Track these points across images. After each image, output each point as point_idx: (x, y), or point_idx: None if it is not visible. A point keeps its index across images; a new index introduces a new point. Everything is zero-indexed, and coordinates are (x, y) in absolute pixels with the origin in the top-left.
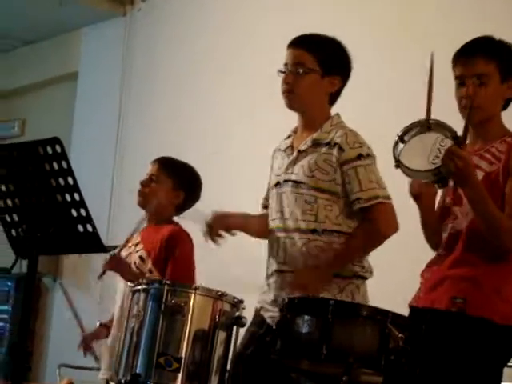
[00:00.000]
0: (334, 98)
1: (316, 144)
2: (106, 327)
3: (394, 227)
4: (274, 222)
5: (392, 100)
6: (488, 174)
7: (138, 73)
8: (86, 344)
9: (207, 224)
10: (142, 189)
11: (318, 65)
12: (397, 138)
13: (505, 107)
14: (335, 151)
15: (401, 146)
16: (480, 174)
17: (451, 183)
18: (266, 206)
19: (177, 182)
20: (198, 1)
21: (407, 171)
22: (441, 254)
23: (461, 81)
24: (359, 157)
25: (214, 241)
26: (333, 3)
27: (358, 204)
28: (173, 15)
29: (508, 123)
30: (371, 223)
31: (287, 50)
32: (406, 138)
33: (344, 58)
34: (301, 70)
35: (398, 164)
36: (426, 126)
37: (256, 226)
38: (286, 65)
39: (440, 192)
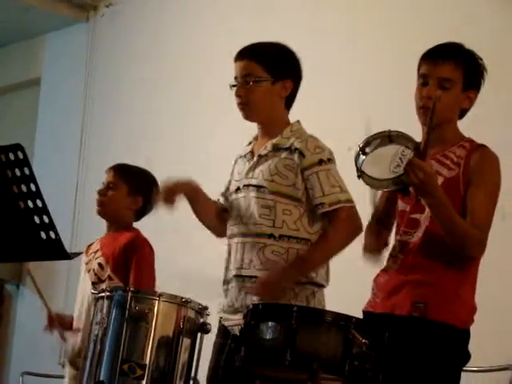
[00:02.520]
0: (289, 100)
1: (276, 149)
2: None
3: (357, 230)
4: (232, 228)
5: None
6: (448, 180)
7: (101, 78)
8: (52, 322)
9: (167, 185)
10: (99, 198)
11: (267, 72)
12: (358, 149)
13: (460, 117)
14: (296, 157)
15: (362, 157)
16: (439, 180)
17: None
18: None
19: (134, 187)
20: (162, 6)
21: (369, 180)
22: (396, 259)
23: (424, 80)
24: (320, 162)
25: (166, 203)
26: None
27: (321, 209)
28: (136, 21)
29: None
30: (335, 227)
31: (234, 64)
32: (367, 150)
33: (291, 59)
34: (250, 81)
35: (361, 174)
36: (388, 137)
37: (212, 211)
38: (235, 78)
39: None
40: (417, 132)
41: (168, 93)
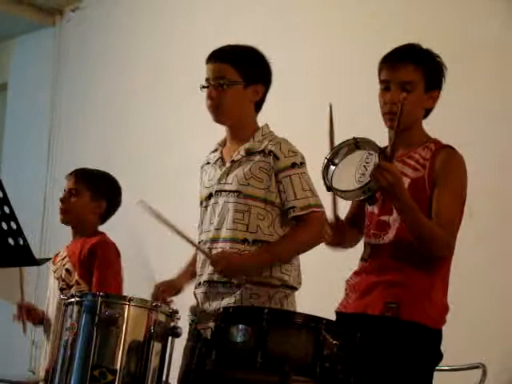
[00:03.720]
0: (259, 105)
1: (249, 154)
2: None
3: (323, 236)
4: (204, 234)
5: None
6: (414, 181)
7: (69, 84)
8: (20, 312)
9: (154, 296)
10: (62, 206)
11: (240, 75)
12: (326, 161)
13: (425, 116)
14: (270, 159)
15: (332, 168)
16: (406, 181)
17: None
18: None
19: (96, 191)
20: (129, 11)
21: (338, 193)
22: (367, 261)
23: (386, 85)
24: (293, 165)
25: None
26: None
27: (292, 212)
28: (103, 25)
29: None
30: (302, 227)
31: (207, 65)
32: (336, 161)
33: (263, 64)
34: (223, 84)
35: (330, 187)
36: (354, 144)
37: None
38: (207, 80)
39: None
40: (385, 131)
41: (142, 99)
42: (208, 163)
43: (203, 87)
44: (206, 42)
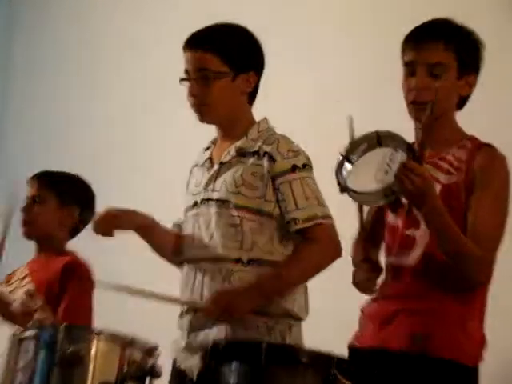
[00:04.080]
0: (252, 95)
1: (241, 154)
2: None
3: (336, 251)
4: (189, 252)
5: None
6: (446, 187)
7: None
8: None
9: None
10: (24, 216)
11: (226, 64)
12: (341, 158)
13: (460, 106)
14: (265, 162)
15: (348, 166)
16: (437, 188)
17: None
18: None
19: (64, 197)
20: None
21: (355, 195)
22: (387, 284)
23: (410, 69)
24: (294, 169)
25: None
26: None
27: (294, 226)
28: (64, 6)
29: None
30: (310, 246)
31: (185, 53)
32: (353, 158)
33: (253, 46)
34: (207, 76)
35: (344, 188)
36: (376, 140)
37: (171, 243)
38: (186, 72)
39: None
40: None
41: (108, 76)
42: (197, 165)
43: (183, 80)
44: (183, 22)
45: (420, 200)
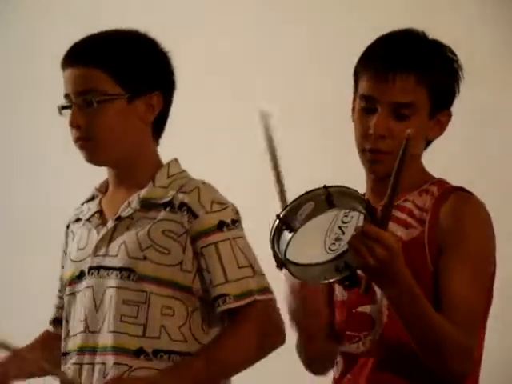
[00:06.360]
0: (159, 124)
1: (147, 206)
2: None
3: (278, 336)
4: (72, 341)
5: None
6: (405, 245)
7: None
8: None
9: None
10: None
11: (118, 83)
12: (278, 222)
13: (425, 147)
14: (184, 217)
15: (287, 235)
16: None
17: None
18: (56, 320)
19: None
20: None
21: (296, 270)
22: (341, 381)
23: (369, 105)
24: (221, 226)
25: None
26: None
27: (222, 304)
28: None
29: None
30: (244, 326)
31: (63, 73)
32: (295, 224)
33: (156, 57)
34: (93, 101)
35: (283, 263)
36: (325, 199)
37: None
38: (66, 96)
39: None
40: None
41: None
42: (78, 220)
43: (63, 108)
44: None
45: (383, 278)
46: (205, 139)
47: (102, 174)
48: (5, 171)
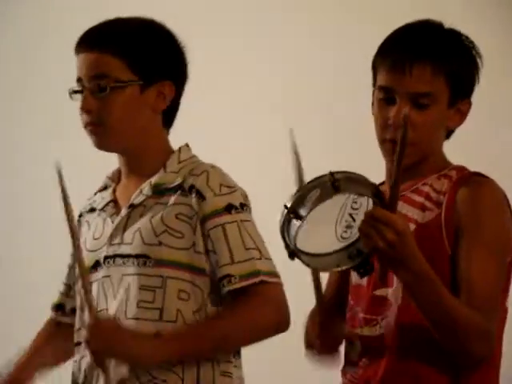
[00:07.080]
0: (170, 114)
1: (159, 192)
2: None
3: (283, 319)
4: (82, 332)
5: None
6: (421, 227)
7: None
8: None
9: None
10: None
11: (132, 70)
12: (285, 211)
13: (448, 136)
14: (193, 199)
15: (295, 223)
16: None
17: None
18: (60, 307)
19: None
20: None
21: (308, 259)
22: (357, 364)
23: (387, 95)
24: (229, 208)
25: None
26: None
27: (227, 285)
28: None
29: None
30: (250, 301)
31: (77, 57)
32: (302, 212)
33: (170, 47)
34: (106, 86)
35: (294, 252)
36: (331, 184)
37: (51, 358)
38: (79, 80)
39: None
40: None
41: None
42: (92, 210)
43: (74, 92)
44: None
45: (395, 261)
46: (206, 136)
47: (101, 172)
48: (5, 169)
